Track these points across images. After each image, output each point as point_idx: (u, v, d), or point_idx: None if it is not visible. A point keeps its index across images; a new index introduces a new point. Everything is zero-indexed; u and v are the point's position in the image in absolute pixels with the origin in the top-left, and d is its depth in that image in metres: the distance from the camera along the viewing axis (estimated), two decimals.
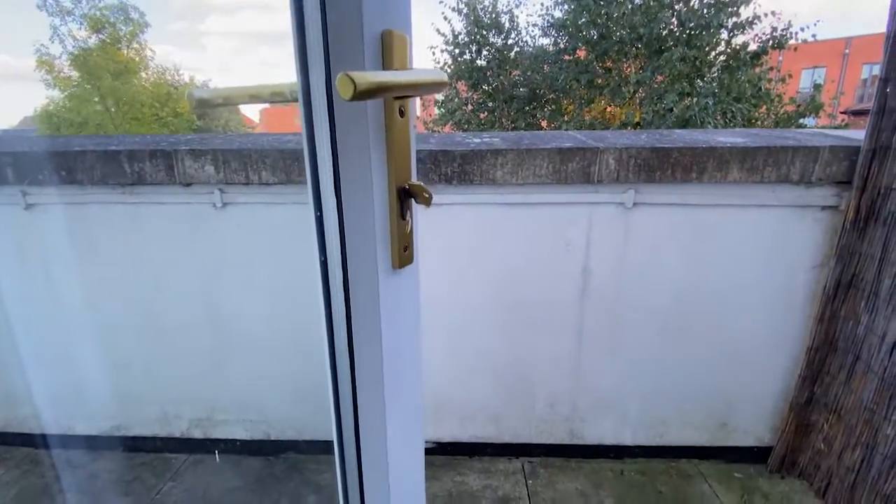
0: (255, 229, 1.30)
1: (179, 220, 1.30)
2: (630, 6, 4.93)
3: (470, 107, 7.36)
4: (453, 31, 6.64)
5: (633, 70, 5.33)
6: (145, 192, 1.27)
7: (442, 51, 6.85)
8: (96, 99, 12.90)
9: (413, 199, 0.34)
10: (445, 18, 6.54)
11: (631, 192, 1.21)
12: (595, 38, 5.48)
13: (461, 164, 1.20)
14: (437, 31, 6.60)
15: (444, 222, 1.27)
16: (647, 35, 4.72)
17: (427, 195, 0.33)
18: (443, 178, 1.21)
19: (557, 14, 7.05)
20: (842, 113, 8.74)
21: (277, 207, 1.27)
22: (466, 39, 6.66)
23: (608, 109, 6.04)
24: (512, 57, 6.95)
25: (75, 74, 13.67)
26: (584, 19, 5.56)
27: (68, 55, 13.57)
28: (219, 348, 1.40)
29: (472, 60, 6.88)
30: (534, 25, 6.93)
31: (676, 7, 5.10)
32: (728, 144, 1.20)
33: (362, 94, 0.22)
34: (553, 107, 7.13)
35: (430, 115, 7.36)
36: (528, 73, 6.90)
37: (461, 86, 7.32)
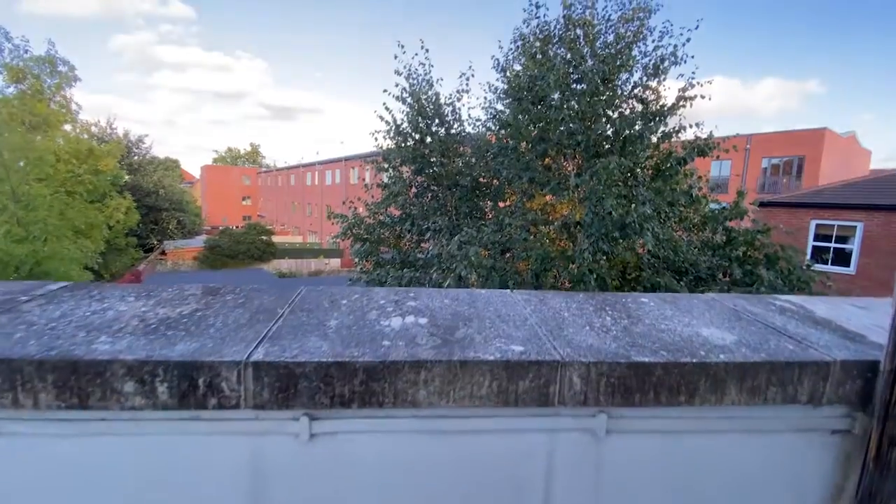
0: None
1: None
2: (568, 112, 5.17)
3: (414, 189, 7.27)
4: (394, 119, 6.67)
5: (573, 169, 5.51)
6: None
7: (384, 137, 6.83)
8: (12, 153, 11.56)
9: None
10: (387, 108, 6.60)
11: (602, 416, 0.88)
12: (535, 137, 5.67)
13: (366, 381, 0.82)
14: (380, 118, 6.62)
15: (334, 456, 0.85)
16: (585, 141, 4.92)
17: None
18: (336, 400, 0.82)
19: (500, 106, 7.37)
20: (751, 204, 9.75)
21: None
22: (409, 129, 6.71)
23: (548, 199, 6.16)
24: (454, 147, 7.06)
25: None
26: (524, 118, 5.76)
27: None
28: None
29: (416, 147, 6.89)
30: (477, 120, 7.17)
31: (610, 114, 5.45)
32: (718, 343, 0.93)
33: None
34: (496, 195, 7.21)
35: (375, 197, 7.15)
36: (472, 163, 7.00)
37: (405, 169, 7.26)
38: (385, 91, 6.59)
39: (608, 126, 5.33)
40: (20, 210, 8.30)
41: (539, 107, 5.95)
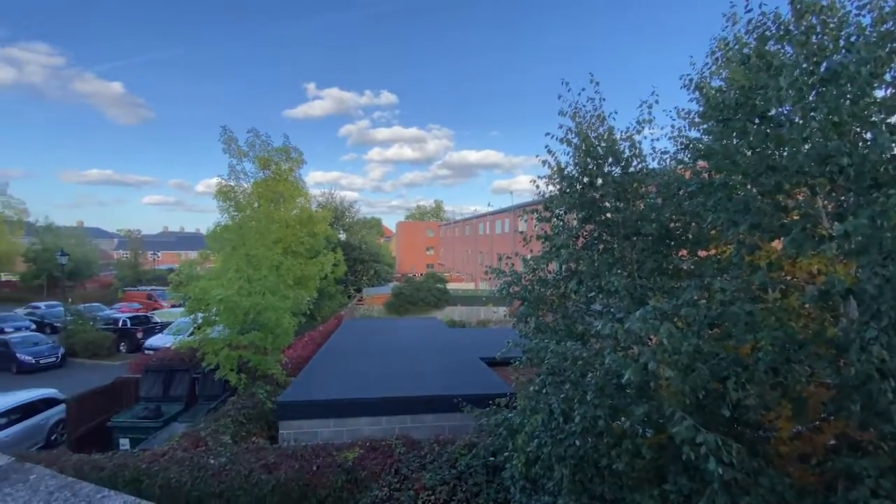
0: None
1: None
2: (815, 125, 3.48)
3: (581, 240, 6.17)
4: (558, 163, 5.81)
5: (830, 207, 3.67)
6: None
7: (547, 183, 6.01)
8: (253, 222, 14.92)
9: None
10: (550, 152, 5.80)
11: None
12: (757, 166, 4.04)
13: None
14: (543, 162, 5.86)
15: None
16: (853, 165, 3.14)
17: None
18: None
19: (694, 133, 5.82)
20: None
21: None
22: (575, 171, 5.75)
23: (777, 248, 4.29)
24: (634, 187, 5.77)
25: (242, 201, 16.34)
26: (737, 143, 4.22)
27: (241, 187, 16.46)
28: None
29: (584, 191, 5.86)
30: (664, 153, 5.77)
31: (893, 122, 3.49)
32: None
33: None
34: (695, 243, 5.55)
35: (533, 250, 6.32)
36: (658, 205, 5.57)
37: (571, 217, 6.26)
38: (547, 134, 5.87)
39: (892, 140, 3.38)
40: (250, 270, 10.25)
41: (760, 125, 4.31)
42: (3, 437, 10.08)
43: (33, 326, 25.12)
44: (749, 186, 4.39)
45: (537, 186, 6.03)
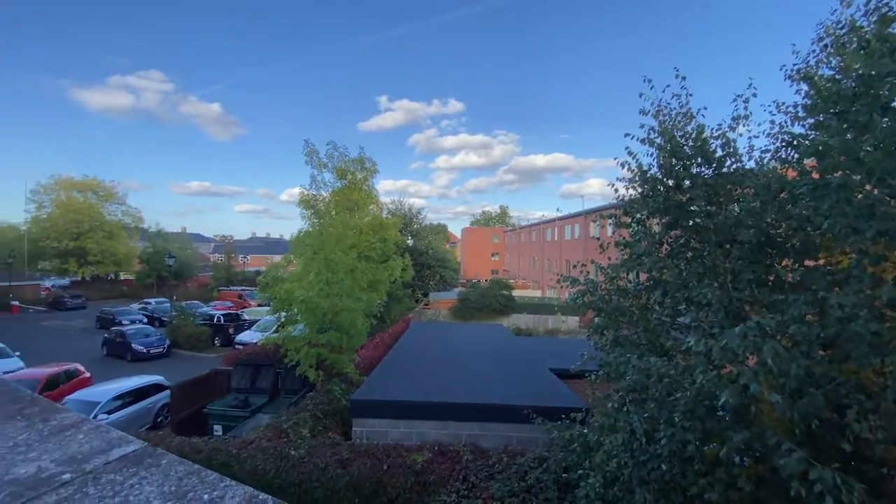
0: None
1: None
2: None
3: (667, 247, 5.74)
4: (640, 165, 5.46)
5: None
6: None
7: (627, 187, 5.67)
8: (331, 228, 15.80)
9: None
10: (630, 153, 5.47)
11: None
12: (885, 164, 3.49)
13: None
14: (621, 165, 5.54)
15: None
16: None
17: None
18: None
19: (798, 129, 5.21)
20: None
21: None
22: (659, 173, 5.37)
23: None
24: (728, 189, 5.27)
25: (321, 209, 17.43)
26: (859, 137, 3.69)
27: (320, 196, 17.59)
28: None
29: (669, 194, 5.46)
30: (763, 152, 5.20)
31: None
32: None
33: None
34: (802, 251, 4.93)
35: (610, 258, 5.99)
36: (757, 209, 5.03)
37: (654, 222, 5.86)
38: (626, 135, 5.55)
39: None
40: (328, 273, 10.85)
41: (885, 117, 3.74)
42: (119, 418, 11.55)
43: (145, 320, 28.64)
44: (873, 188, 3.81)
45: (615, 190, 5.72)
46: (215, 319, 25.24)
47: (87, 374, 14.85)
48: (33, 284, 42.34)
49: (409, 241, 37.05)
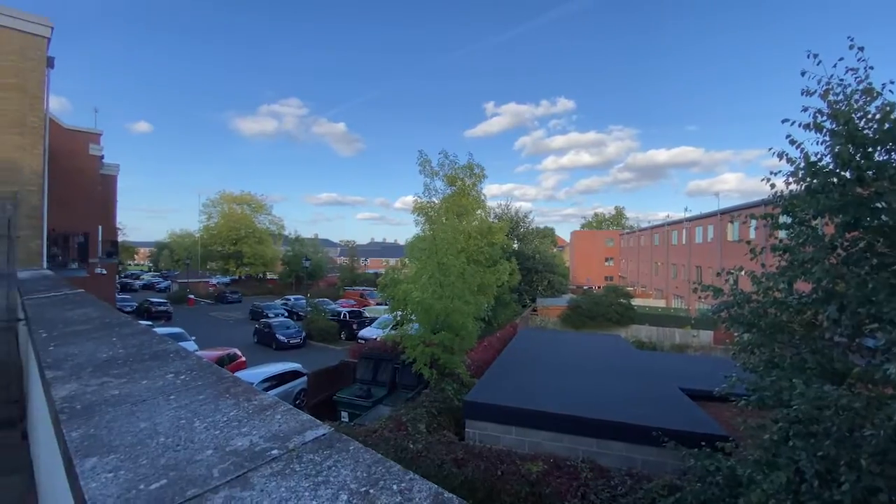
0: None
1: None
2: None
3: (841, 252, 4.74)
4: (805, 155, 4.59)
5: None
6: None
7: (787, 181, 4.80)
8: (442, 233, 16.43)
9: None
10: (792, 142, 4.61)
11: None
12: None
13: None
14: (779, 155, 4.70)
15: None
16: None
17: None
18: None
19: None
20: None
21: None
22: (831, 164, 4.44)
23: None
24: None
25: (432, 215, 18.21)
26: None
27: (432, 203, 18.39)
28: None
29: (846, 189, 4.49)
30: None
31: None
32: None
33: None
34: None
35: (767, 265, 5.13)
36: None
37: (822, 223, 4.89)
38: (785, 121, 4.72)
39: None
40: (441, 276, 11.24)
41: None
42: None
43: (286, 314, 32.88)
44: None
45: (772, 185, 4.90)
46: (342, 316, 27.91)
47: (243, 358, 17.54)
48: (203, 281, 51.73)
49: (515, 245, 36.65)
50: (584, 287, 48.75)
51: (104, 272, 19.03)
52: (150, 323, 23.96)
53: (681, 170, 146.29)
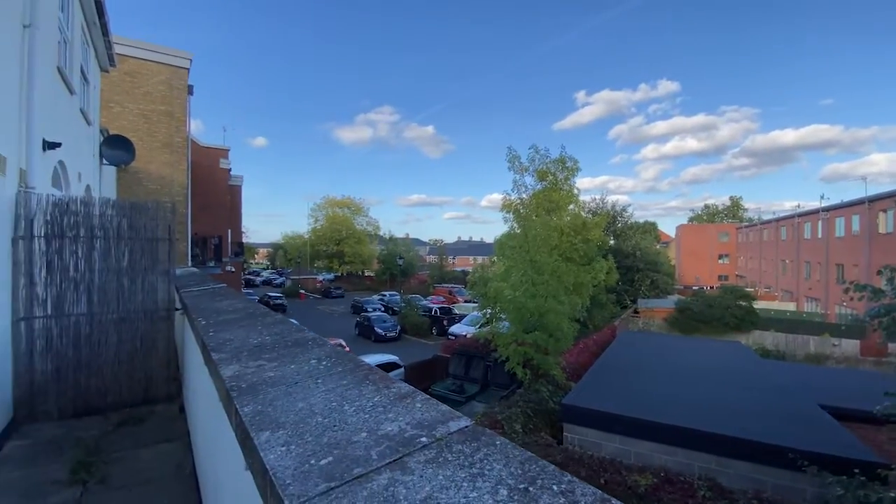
0: None
1: None
2: None
3: None
4: None
5: None
6: None
7: None
8: (533, 230, 16.08)
9: None
10: None
11: None
12: None
13: None
14: None
15: None
16: None
17: None
18: None
19: None
20: None
21: None
22: None
23: None
24: None
25: (522, 212, 17.87)
26: None
27: (521, 199, 18.06)
28: None
29: None
30: None
31: None
32: None
33: None
34: None
35: None
36: None
37: None
38: None
39: None
40: (534, 274, 10.99)
41: None
42: None
43: (382, 308, 34.84)
44: None
45: None
46: (433, 312, 28.80)
47: (348, 349, 18.97)
48: (312, 278, 57.01)
49: (612, 242, 34.48)
50: (694, 287, 44.24)
51: (233, 270, 21.97)
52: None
53: (813, 152, 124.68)
